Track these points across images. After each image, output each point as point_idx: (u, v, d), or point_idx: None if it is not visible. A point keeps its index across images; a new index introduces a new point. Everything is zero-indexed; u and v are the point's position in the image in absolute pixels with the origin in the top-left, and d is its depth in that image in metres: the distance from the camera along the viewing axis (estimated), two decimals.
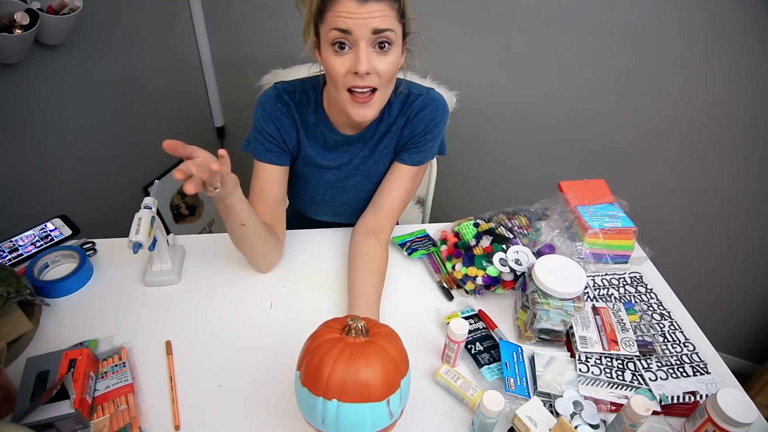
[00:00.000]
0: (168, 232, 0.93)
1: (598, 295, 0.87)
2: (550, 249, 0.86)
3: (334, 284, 0.90)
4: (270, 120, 0.86)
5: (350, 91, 0.76)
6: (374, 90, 0.76)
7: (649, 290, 0.89)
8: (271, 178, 0.89)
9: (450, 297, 0.89)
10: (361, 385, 0.54)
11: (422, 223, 1.32)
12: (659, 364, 0.75)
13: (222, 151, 0.65)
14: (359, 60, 0.71)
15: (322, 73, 0.87)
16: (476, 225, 0.93)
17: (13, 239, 0.94)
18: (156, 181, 1.70)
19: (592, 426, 0.66)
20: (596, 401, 0.70)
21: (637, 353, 0.75)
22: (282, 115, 0.87)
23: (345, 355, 0.55)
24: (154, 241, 0.83)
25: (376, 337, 0.59)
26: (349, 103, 0.77)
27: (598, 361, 0.75)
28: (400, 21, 0.74)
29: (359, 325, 0.58)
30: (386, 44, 0.73)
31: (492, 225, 0.92)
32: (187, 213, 1.96)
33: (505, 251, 0.85)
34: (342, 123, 0.89)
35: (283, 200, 0.93)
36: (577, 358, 0.76)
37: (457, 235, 0.95)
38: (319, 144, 0.92)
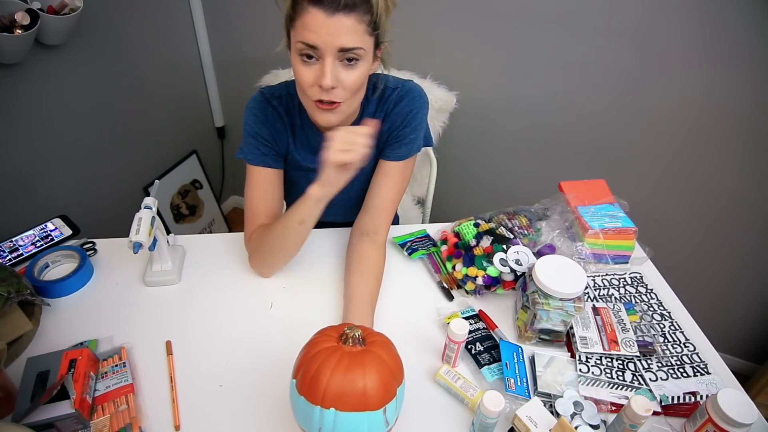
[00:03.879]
0: (168, 232, 0.93)
1: (599, 295, 0.87)
2: (551, 249, 0.86)
3: (334, 285, 0.90)
4: (263, 124, 0.86)
5: None
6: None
7: (649, 290, 0.89)
8: (272, 181, 0.89)
9: (450, 297, 0.89)
10: (358, 393, 0.54)
11: (422, 223, 1.31)
12: (659, 365, 0.75)
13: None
14: (324, 75, 0.70)
15: None
16: (476, 225, 0.93)
17: (13, 239, 0.94)
18: (156, 181, 1.69)
19: (592, 426, 0.66)
20: (596, 401, 0.70)
21: (638, 353, 0.75)
22: (274, 119, 0.87)
23: (343, 363, 0.55)
24: (155, 241, 0.83)
25: (372, 345, 0.59)
26: (315, 110, 0.77)
27: (598, 362, 0.75)
28: (372, 34, 0.72)
29: (356, 334, 0.59)
30: (354, 60, 0.72)
31: (492, 225, 0.92)
32: (187, 213, 1.96)
33: (505, 251, 0.86)
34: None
35: (282, 204, 0.93)
36: (577, 358, 0.76)
37: (457, 235, 0.95)
38: (306, 148, 0.92)
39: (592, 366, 0.75)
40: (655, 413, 0.69)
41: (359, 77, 0.74)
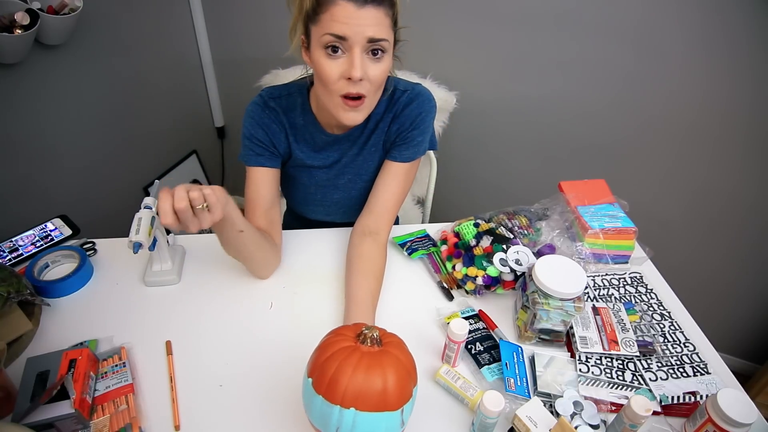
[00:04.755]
0: (168, 232, 0.93)
1: (599, 295, 0.87)
2: (551, 249, 0.86)
3: (334, 284, 0.90)
4: (259, 127, 0.87)
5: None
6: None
7: (649, 290, 0.89)
8: (264, 180, 0.89)
9: (450, 297, 0.89)
10: (379, 394, 0.54)
11: (422, 223, 1.31)
12: (659, 365, 0.75)
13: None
14: (354, 66, 0.71)
15: (309, 75, 0.87)
16: (476, 225, 0.93)
17: (13, 239, 0.94)
18: (156, 181, 1.69)
19: (592, 426, 0.66)
20: (596, 401, 0.70)
21: (638, 353, 0.75)
22: (270, 121, 0.88)
23: (363, 364, 0.55)
24: (154, 241, 0.83)
25: (389, 346, 0.59)
26: (340, 107, 0.77)
27: (598, 362, 0.75)
28: (393, 29, 0.75)
29: (374, 335, 0.59)
30: (380, 51, 0.73)
31: (492, 225, 0.92)
32: None
33: (505, 251, 0.85)
34: (330, 123, 0.89)
35: (277, 202, 0.93)
36: (577, 358, 0.76)
37: (457, 235, 0.95)
38: (309, 145, 0.92)
39: (592, 366, 0.75)
40: (655, 413, 0.69)
41: (384, 71, 0.75)
